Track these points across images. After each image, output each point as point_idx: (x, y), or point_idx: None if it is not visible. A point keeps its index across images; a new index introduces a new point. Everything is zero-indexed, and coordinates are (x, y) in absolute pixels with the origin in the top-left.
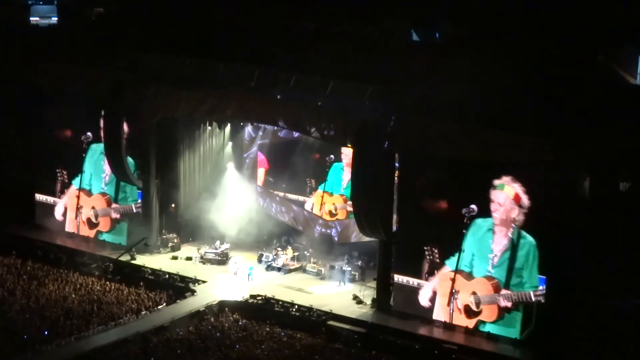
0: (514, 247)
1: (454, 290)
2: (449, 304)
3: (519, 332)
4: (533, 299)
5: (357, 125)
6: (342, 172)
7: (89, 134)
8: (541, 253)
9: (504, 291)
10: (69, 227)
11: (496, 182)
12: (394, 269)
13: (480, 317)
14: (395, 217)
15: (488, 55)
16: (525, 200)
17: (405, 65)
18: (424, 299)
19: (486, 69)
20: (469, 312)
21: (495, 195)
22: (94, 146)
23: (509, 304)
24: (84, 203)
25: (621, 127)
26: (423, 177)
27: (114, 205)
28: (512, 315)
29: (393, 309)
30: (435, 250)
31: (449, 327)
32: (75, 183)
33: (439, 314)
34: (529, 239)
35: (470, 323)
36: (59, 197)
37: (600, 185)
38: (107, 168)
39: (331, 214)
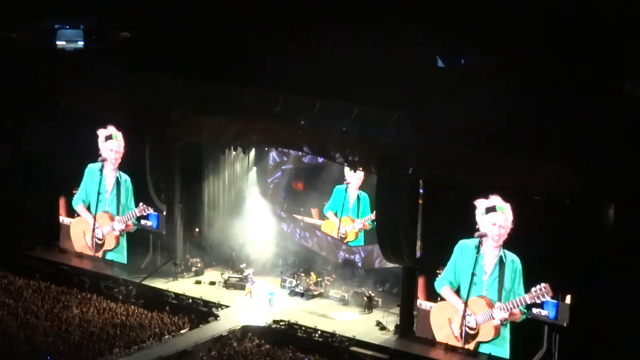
0: (502, 265)
1: (466, 314)
2: (460, 327)
3: (508, 352)
4: (529, 301)
5: (381, 151)
6: (348, 194)
7: (100, 152)
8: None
9: (498, 304)
10: (79, 249)
11: (491, 204)
12: (417, 295)
13: (478, 339)
14: (419, 243)
15: (514, 82)
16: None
17: (431, 92)
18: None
19: (512, 96)
20: (466, 336)
21: (495, 217)
22: (91, 165)
23: (506, 315)
24: (88, 225)
25: None
26: (446, 203)
27: (117, 218)
28: (502, 334)
29: (416, 335)
30: None
31: (472, 354)
32: (75, 204)
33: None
34: (515, 257)
35: (470, 347)
36: (76, 217)
37: (625, 213)
38: (108, 186)
39: (341, 237)
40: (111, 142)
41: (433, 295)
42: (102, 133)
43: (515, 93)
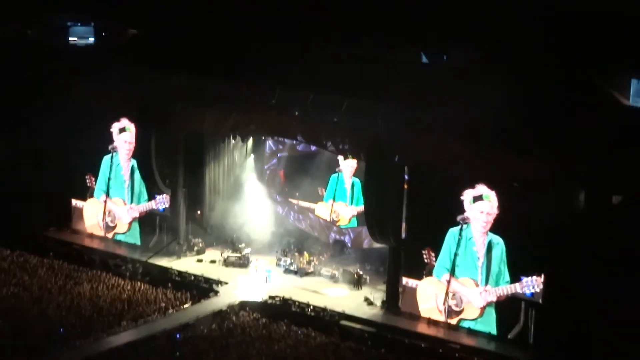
0: (490, 249)
1: (453, 290)
2: (444, 303)
3: (495, 329)
4: (519, 290)
5: (369, 141)
6: (343, 182)
7: (115, 144)
8: (512, 253)
9: (488, 287)
10: (90, 229)
11: (477, 193)
12: (402, 272)
13: (462, 316)
14: (404, 225)
15: (492, 79)
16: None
17: (415, 86)
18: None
19: (490, 92)
20: (450, 312)
21: (483, 205)
22: (106, 157)
23: (494, 299)
24: (101, 207)
25: (614, 144)
26: (430, 189)
27: (132, 206)
28: (488, 312)
29: (401, 310)
30: (432, 254)
31: (453, 327)
32: (97, 193)
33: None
34: (499, 239)
35: (452, 322)
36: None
37: (595, 199)
38: (125, 176)
39: (333, 220)
40: (125, 134)
41: (416, 273)
42: (116, 126)
43: (493, 89)
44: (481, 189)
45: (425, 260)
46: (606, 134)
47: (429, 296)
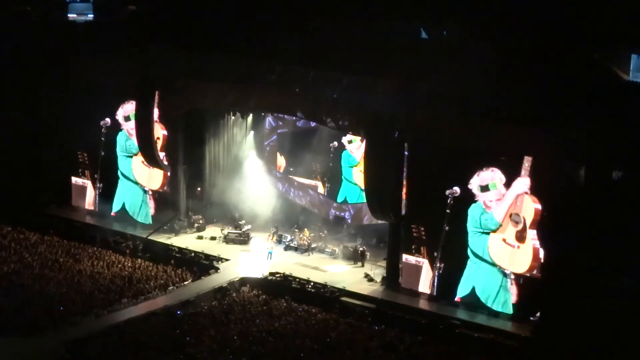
0: None
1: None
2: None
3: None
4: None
5: (369, 117)
6: (355, 158)
7: (107, 119)
8: None
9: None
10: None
11: (483, 183)
12: (402, 249)
13: (526, 224)
14: (404, 201)
15: (491, 53)
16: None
17: (415, 62)
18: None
19: (489, 66)
20: (520, 236)
21: (490, 194)
22: (120, 137)
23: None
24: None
25: (614, 119)
26: (428, 164)
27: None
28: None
29: (401, 286)
30: (421, 228)
31: (453, 304)
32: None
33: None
34: None
35: (529, 240)
36: (80, 177)
37: (595, 173)
38: None
39: None
40: (131, 123)
41: (417, 250)
42: (120, 113)
43: (492, 63)
44: (485, 177)
45: (415, 235)
46: (606, 109)
47: (501, 245)
